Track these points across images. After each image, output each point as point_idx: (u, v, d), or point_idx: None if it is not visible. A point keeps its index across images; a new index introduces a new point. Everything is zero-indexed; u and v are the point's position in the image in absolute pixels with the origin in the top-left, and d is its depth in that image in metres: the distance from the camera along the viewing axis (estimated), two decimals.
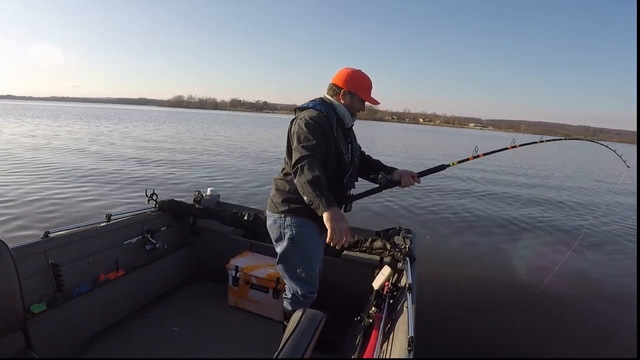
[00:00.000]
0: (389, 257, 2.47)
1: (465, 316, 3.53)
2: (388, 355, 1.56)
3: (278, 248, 2.13)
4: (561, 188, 12.66)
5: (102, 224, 2.57)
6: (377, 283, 2.08)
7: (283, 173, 2.09)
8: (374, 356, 1.63)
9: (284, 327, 2.01)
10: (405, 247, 2.30)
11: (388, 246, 2.52)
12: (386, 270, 2.08)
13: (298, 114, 2.04)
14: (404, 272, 2.15)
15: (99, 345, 2.30)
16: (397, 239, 2.54)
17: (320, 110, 1.98)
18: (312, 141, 1.86)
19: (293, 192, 1.99)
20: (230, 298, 2.87)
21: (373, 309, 1.97)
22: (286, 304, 2.18)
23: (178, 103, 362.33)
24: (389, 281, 2.12)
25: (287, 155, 2.04)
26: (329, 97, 2.09)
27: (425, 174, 2.25)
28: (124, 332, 2.45)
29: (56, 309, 2.09)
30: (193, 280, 3.19)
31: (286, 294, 2.18)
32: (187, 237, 3.22)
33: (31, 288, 2.00)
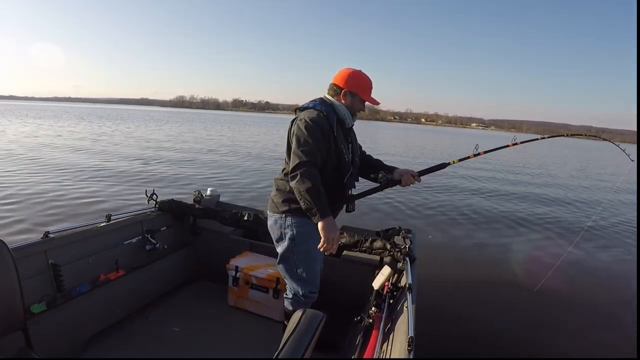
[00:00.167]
0: (389, 257, 2.47)
1: (465, 316, 3.53)
2: (388, 355, 1.56)
3: (279, 248, 2.13)
4: (563, 186, 12.67)
5: (102, 224, 2.57)
6: (377, 283, 2.08)
7: (283, 173, 2.09)
8: (374, 356, 1.63)
9: (285, 327, 2.02)
10: (405, 247, 2.30)
11: (388, 246, 2.52)
12: (386, 270, 2.08)
13: (298, 115, 2.04)
14: (404, 272, 2.15)
15: (99, 345, 2.30)
16: (397, 239, 2.54)
17: (320, 110, 1.98)
18: (311, 144, 1.87)
19: (293, 192, 1.99)
20: (230, 298, 2.87)
21: (373, 309, 1.97)
22: (287, 304, 2.18)
23: (180, 103, 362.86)
24: (389, 281, 2.12)
25: (287, 155, 2.04)
26: (330, 97, 2.09)
27: (425, 173, 2.24)
28: (124, 332, 2.45)
29: (56, 309, 2.09)
30: (193, 280, 3.19)
31: (287, 294, 2.19)
32: (187, 237, 3.22)
33: (31, 288, 2.00)
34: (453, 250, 5.47)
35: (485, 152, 2.35)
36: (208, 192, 3.46)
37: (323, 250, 1.90)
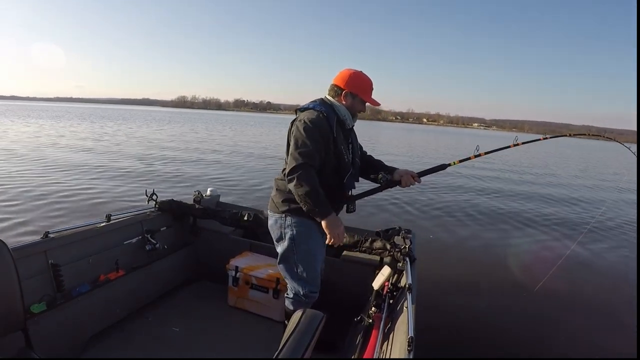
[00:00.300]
0: (389, 257, 2.47)
1: (465, 316, 3.52)
2: (388, 355, 1.56)
3: (279, 248, 2.14)
4: (566, 185, 12.61)
5: (102, 224, 2.57)
6: (377, 283, 2.08)
7: (284, 173, 2.08)
8: (374, 356, 1.63)
9: (285, 327, 2.02)
10: (405, 247, 2.30)
11: (388, 246, 2.52)
12: (386, 270, 2.08)
13: (298, 115, 2.05)
14: (404, 272, 2.15)
15: (99, 345, 2.30)
16: (397, 239, 2.55)
17: (319, 111, 1.98)
18: (309, 146, 1.88)
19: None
20: (230, 298, 2.87)
21: (373, 309, 1.98)
22: (288, 304, 2.18)
23: (182, 103, 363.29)
24: (389, 281, 2.13)
25: (287, 156, 2.04)
26: (330, 98, 2.09)
27: (425, 174, 2.24)
28: (124, 332, 2.45)
29: (56, 309, 2.09)
30: (193, 280, 3.19)
31: (288, 294, 2.19)
32: (187, 237, 3.22)
33: (31, 288, 2.00)
34: (453, 250, 5.47)
35: (486, 153, 2.34)
36: (208, 192, 3.45)
37: (331, 244, 1.98)
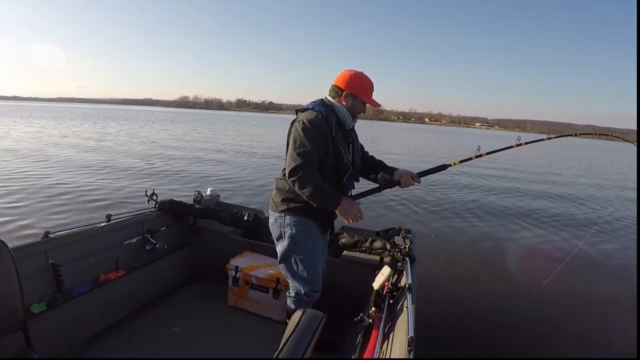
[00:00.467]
0: (389, 257, 2.47)
1: (465, 316, 3.52)
2: (388, 355, 1.56)
3: (279, 247, 2.16)
4: (570, 187, 12.47)
5: (102, 224, 2.57)
6: (377, 283, 2.08)
7: (283, 173, 2.10)
8: (374, 356, 1.63)
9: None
10: (405, 247, 2.30)
11: (388, 246, 2.52)
12: (386, 270, 2.08)
13: (298, 116, 2.06)
14: (404, 272, 2.16)
15: (99, 345, 2.30)
16: (397, 239, 2.55)
17: (319, 111, 1.99)
18: (307, 147, 1.90)
19: (293, 192, 2.03)
20: (230, 298, 2.87)
21: (373, 309, 1.98)
22: (289, 303, 2.21)
23: (184, 103, 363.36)
24: (389, 281, 2.13)
25: (287, 156, 2.06)
26: (330, 99, 2.10)
27: (425, 174, 2.23)
28: (124, 332, 2.45)
29: (56, 309, 2.09)
30: (193, 280, 3.19)
31: (290, 293, 2.21)
32: (187, 237, 3.22)
33: (31, 288, 2.00)
34: (453, 249, 5.46)
35: (487, 153, 2.32)
36: (208, 192, 3.45)
37: (351, 222, 2.05)
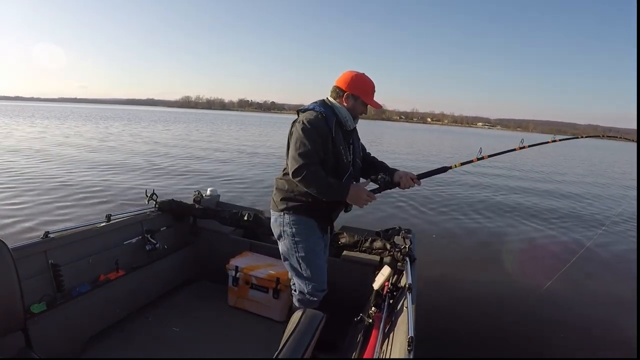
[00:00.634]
0: (389, 257, 2.47)
1: (465, 316, 3.52)
2: (388, 355, 1.56)
3: (281, 246, 2.18)
4: (575, 186, 12.34)
5: (102, 224, 2.57)
6: (377, 283, 2.09)
7: (283, 172, 2.13)
8: (374, 356, 1.63)
9: None
10: (405, 247, 2.30)
11: (388, 246, 2.52)
12: (386, 270, 2.08)
13: (299, 116, 2.07)
14: (404, 272, 2.15)
15: (99, 345, 2.30)
16: (397, 239, 2.55)
17: (319, 111, 2.00)
18: (308, 147, 1.91)
19: (292, 191, 2.06)
20: (230, 298, 2.87)
21: (373, 309, 1.98)
22: (294, 301, 2.23)
23: (186, 104, 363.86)
24: (389, 281, 2.13)
25: (287, 155, 2.07)
26: (331, 99, 2.10)
27: (425, 176, 2.21)
28: (124, 332, 2.45)
29: (56, 309, 2.09)
30: (193, 280, 3.19)
31: (294, 292, 2.23)
32: (187, 237, 3.22)
33: (31, 288, 2.00)
34: (454, 249, 5.45)
35: (489, 156, 2.30)
36: (208, 192, 3.45)
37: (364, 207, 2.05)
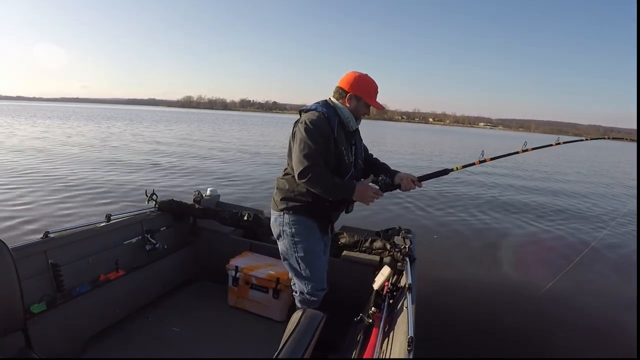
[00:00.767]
0: (389, 257, 2.47)
1: (465, 316, 3.51)
2: (388, 355, 1.56)
3: (280, 245, 2.18)
4: (578, 190, 12.11)
5: (102, 224, 2.57)
6: (377, 283, 2.09)
7: (284, 172, 2.14)
8: (374, 356, 1.63)
9: None
10: (405, 247, 2.30)
11: (388, 246, 2.52)
12: (386, 270, 2.09)
13: (301, 117, 2.07)
14: (404, 272, 2.16)
15: (99, 345, 2.30)
16: (397, 239, 2.55)
17: (321, 112, 2.00)
18: (312, 147, 1.91)
19: (292, 191, 2.06)
20: (230, 298, 2.87)
21: (373, 309, 1.98)
22: (296, 302, 2.24)
23: (188, 103, 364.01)
24: (389, 281, 2.13)
25: (289, 156, 2.08)
26: (334, 100, 2.10)
27: (426, 179, 2.19)
28: (124, 332, 2.45)
29: (56, 309, 2.09)
30: (193, 280, 3.19)
31: (295, 292, 2.24)
32: (187, 237, 3.22)
33: (31, 288, 2.00)
34: (454, 249, 5.44)
35: (492, 159, 2.28)
36: (208, 192, 3.45)
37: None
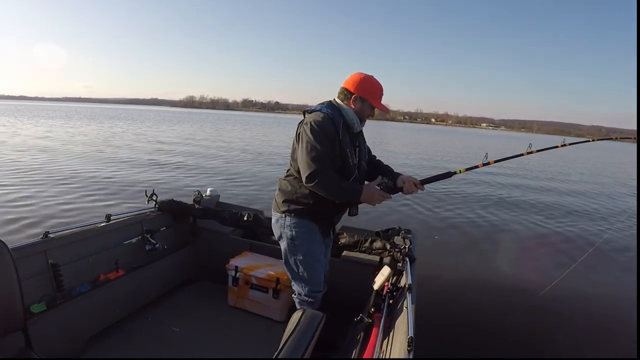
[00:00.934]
0: (389, 258, 2.47)
1: (465, 316, 3.51)
2: (388, 355, 1.56)
3: (281, 247, 2.18)
4: (581, 191, 12.04)
5: (102, 224, 2.57)
6: (377, 283, 2.09)
7: (287, 173, 2.11)
8: (374, 356, 1.63)
9: None
10: (405, 248, 2.31)
11: (388, 246, 2.53)
12: (386, 270, 2.09)
13: (305, 118, 2.04)
14: (404, 273, 2.15)
15: (99, 345, 2.30)
16: (397, 239, 2.55)
17: (326, 113, 1.98)
18: (319, 150, 1.88)
19: (295, 193, 2.03)
20: (230, 298, 2.87)
21: (373, 309, 1.98)
22: (295, 303, 2.24)
23: (190, 103, 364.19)
24: (389, 281, 2.13)
25: (293, 156, 2.05)
26: (339, 101, 2.08)
27: (429, 182, 2.17)
28: (124, 332, 2.46)
29: (56, 309, 2.09)
30: (193, 280, 3.19)
31: (293, 293, 2.24)
32: (187, 237, 3.22)
33: (31, 288, 2.00)
34: (454, 249, 5.43)
35: (496, 162, 2.25)
36: (208, 192, 3.45)
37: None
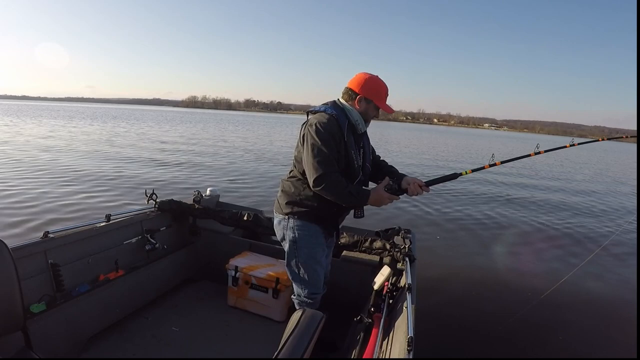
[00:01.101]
0: (389, 257, 2.47)
1: (465, 316, 3.51)
2: (388, 355, 1.57)
3: (284, 248, 2.16)
4: (586, 192, 11.96)
5: (102, 224, 2.57)
6: (377, 283, 2.09)
7: (290, 174, 2.08)
8: (374, 356, 1.63)
9: None
10: (404, 247, 2.31)
11: (388, 246, 2.53)
12: (386, 270, 2.09)
13: (309, 118, 2.01)
14: (404, 272, 2.15)
15: (99, 345, 2.31)
16: (397, 239, 2.55)
17: (330, 114, 1.95)
18: (325, 153, 1.85)
19: (298, 195, 2.01)
20: (230, 298, 2.87)
21: (373, 309, 1.98)
22: (295, 304, 2.23)
23: (192, 103, 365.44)
24: (389, 281, 2.13)
25: (296, 157, 2.03)
26: (343, 102, 2.04)
27: (434, 183, 2.12)
28: (124, 332, 2.46)
29: (56, 309, 2.10)
30: (193, 280, 3.19)
31: (293, 294, 2.24)
32: (187, 237, 3.22)
33: (31, 288, 2.01)
34: (454, 249, 5.42)
35: (502, 162, 2.23)
36: (208, 192, 3.45)
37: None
